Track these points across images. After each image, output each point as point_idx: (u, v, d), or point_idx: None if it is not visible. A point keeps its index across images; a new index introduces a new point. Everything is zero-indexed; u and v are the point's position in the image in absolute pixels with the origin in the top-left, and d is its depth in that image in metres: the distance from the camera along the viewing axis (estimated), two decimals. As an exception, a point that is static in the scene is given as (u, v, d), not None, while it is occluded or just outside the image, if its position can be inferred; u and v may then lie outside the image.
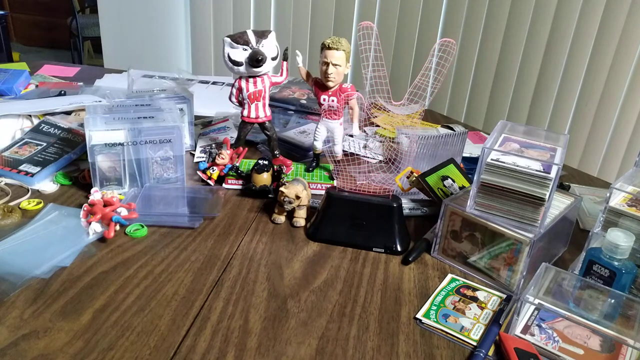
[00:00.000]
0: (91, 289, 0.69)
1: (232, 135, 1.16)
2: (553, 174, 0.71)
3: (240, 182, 0.99)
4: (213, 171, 0.99)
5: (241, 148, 1.05)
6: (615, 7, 1.87)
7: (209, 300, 0.69)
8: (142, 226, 0.83)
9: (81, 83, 1.46)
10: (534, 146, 0.78)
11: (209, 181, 1.00)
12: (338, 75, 0.93)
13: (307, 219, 0.89)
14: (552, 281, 0.73)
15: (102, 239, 0.80)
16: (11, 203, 0.87)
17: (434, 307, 0.71)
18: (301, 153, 1.12)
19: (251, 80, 0.99)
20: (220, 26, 2.42)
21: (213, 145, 1.15)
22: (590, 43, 1.95)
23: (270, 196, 0.95)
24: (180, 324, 0.64)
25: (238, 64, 0.96)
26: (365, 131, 1.28)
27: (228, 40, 0.95)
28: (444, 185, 0.92)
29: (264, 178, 0.95)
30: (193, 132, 1.16)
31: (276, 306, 0.69)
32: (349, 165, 0.96)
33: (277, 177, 0.96)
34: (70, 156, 1.01)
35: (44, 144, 1.03)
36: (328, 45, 0.91)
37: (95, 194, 0.85)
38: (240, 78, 1.00)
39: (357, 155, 1.16)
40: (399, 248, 0.83)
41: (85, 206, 0.83)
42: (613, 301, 0.69)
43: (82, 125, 1.01)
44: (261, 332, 0.64)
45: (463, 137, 1.05)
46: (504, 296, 0.75)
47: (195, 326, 0.64)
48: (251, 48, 0.94)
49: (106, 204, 0.82)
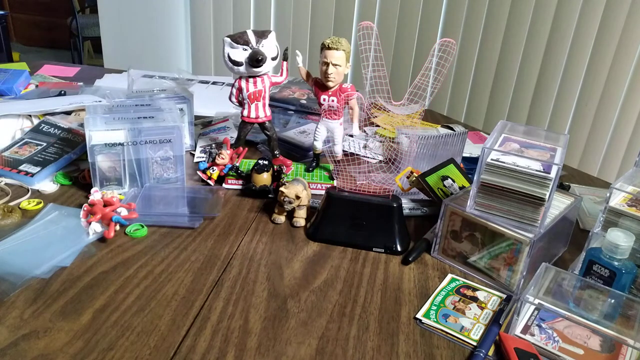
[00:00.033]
0: (91, 289, 0.69)
1: (232, 135, 1.16)
2: (553, 174, 0.71)
3: (240, 182, 0.99)
4: (213, 171, 0.99)
5: (241, 148, 1.05)
6: (615, 7, 1.87)
7: (209, 300, 0.69)
8: (142, 226, 0.83)
9: (81, 83, 1.46)
10: (534, 146, 0.78)
11: (209, 181, 1.00)
12: (338, 75, 0.93)
13: (307, 219, 0.89)
14: (552, 281, 0.73)
15: (102, 239, 0.80)
16: (11, 203, 0.87)
17: (434, 307, 0.71)
18: (301, 153, 1.12)
19: (251, 80, 0.99)
20: (220, 26, 2.42)
21: (213, 145, 1.15)
22: (590, 43, 1.95)
23: (270, 196, 0.95)
24: (180, 324, 0.64)
25: (238, 64, 0.96)
26: (365, 131, 1.28)
27: (228, 40, 0.95)
28: (444, 185, 0.92)
29: (264, 178, 0.95)
30: (193, 132, 1.16)
31: (276, 306, 0.69)
32: (349, 165, 0.96)
33: (277, 177, 0.96)
34: (70, 156, 1.01)
35: (44, 144, 1.03)
36: (328, 45, 0.91)
37: (95, 194, 0.85)
38: (240, 78, 1.00)
39: (357, 155, 1.16)
40: (399, 248, 0.83)
41: (85, 206, 0.83)
42: (613, 301, 0.69)
43: (82, 125, 1.02)
44: (261, 332, 0.64)
45: (463, 137, 1.05)
46: (504, 296, 0.75)
47: (195, 326, 0.64)
48: (251, 48, 0.94)
49: (106, 204, 0.82)
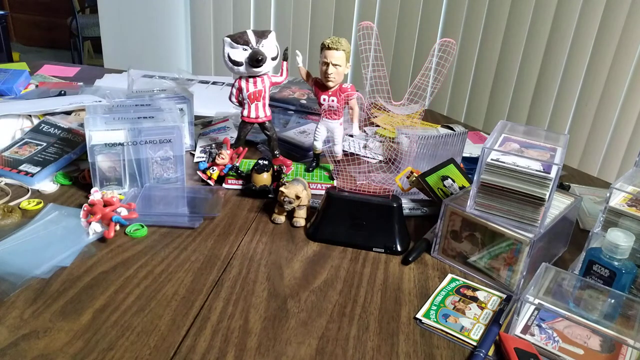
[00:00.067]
0: (91, 289, 0.69)
1: (232, 135, 1.16)
2: (553, 174, 0.71)
3: (240, 182, 0.99)
4: (213, 171, 0.99)
5: (241, 148, 1.05)
6: (615, 7, 1.87)
7: (209, 300, 0.69)
8: (142, 226, 0.83)
9: (81, 83, 1.46)
10: (534, 146, 0.78)
11: (209, 181, 1.00)
12: (338, 75, 0.93)
13: (307, 219, 0.89)
14: (552, 281, 0.73)
15: (102, 239, 0.80)
16: (11, 203, 0.87)
17: (434, 307, 0.71)
18: (301, 153, 1.12)
19: (251, 80, 0.99)
20: (220, 26, 2.42)
21: (213, 145, 1.15)
22: (590, 43, 1.95)
23: (270, 196, 0.95)
24: (180, 324, 0.64)
25: (238, 64, 0.96)
26: (365, 131, 1.28)
27: (228, 40, 0.95)
28: (444, 185, 0.92)
29: (264, 178, 0.95)
30: (193, 132, 1.16)
31: (276, 306, 0.69)
32: (349, 165, 0.96)
33: (277, 177, 0.96)
34: (70, 156, 1.01)
35: (44, 144, 1.03)
36: (328, 45, 0.91)
37: (95, 194, 0.85)
38: (240, 78, 1.00)
39: (357, 155, 1.16)
40: (399, 248, 0.83)
41: (85, 206, 0.83)
42: (613, 301, 0.69)
43: (82, 125, 1.02)
44: (261, 332, 0.64)
45: (463, 137, 1.05)
46: (504, 296, 0.75)
47: (195, 326, 0.64)
48: (251, 48, 0.94)
49: (106, 204, 0.82)
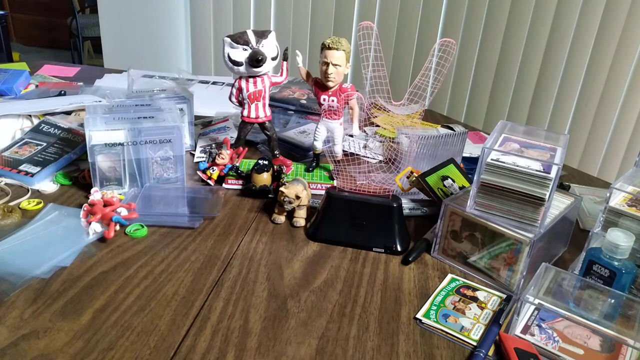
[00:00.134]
0: (91, 289, 0.69)
1: (232, 135, 1.16)
2: (553, 174, 0.71)
3: (240, 182, 0.99)
4: (213, 171, 0.99)
5: (241, 148, 1.05)
6: (615, 7, 1.87)
7: (209, 300, 0.69)
8: (142, 226, 0.83)
9: (81, 83, 1.46)
10: (534, 146, 0.78)
11: (209, 181, 1.00)
12: (338, 75, 0.93)
13: (307, 219, 0.89)
14: (552, 281, 0.73)
15: (102, 239, 0.80)
16: (11, 203, 0.87)
17: (434, 307, 0.71)
18: (301, 153, 1.12)
19: (251, 80, 0.99)
20: (220, 26, 2.42)
21: (213, 145, 1.15)
22: (590, 43, 1.95)
23: (270, 196, 0.95)
24: (180, 324, 0.65)
25: (238, 64, 0.96)
26: (365, 131, 1.28)
27: (228, 40, 0.95)
28: (444, 185, 0.92)
29: (264, 178, 0.95)
30: (193, 132, 1.16)
31: (276, 306, 0.69)
32: (349, 165, 0.96)
33: (277, 177, 0.96)
34: (70, 156, 1.01)
35: (44, 144, 1.03)
36: (328, 45, 0.91)
37: (95, 194, 0.85)
38: (240, 78, 1.00)
39: (357, 155, 1.16)
40: (399, 248, 0.83)
41: (85, 206, 0.83)
42: (613, 301, 0.69)
43: (82, 125, 1.02)
44: (261, 332, 0.64)
45: (463, 137, 1.05)
46: (504, 296, 0.75)
47: (195, 326, 0.64)
48: (251, 48, 0.94)
49: (106, 204, 0.82)
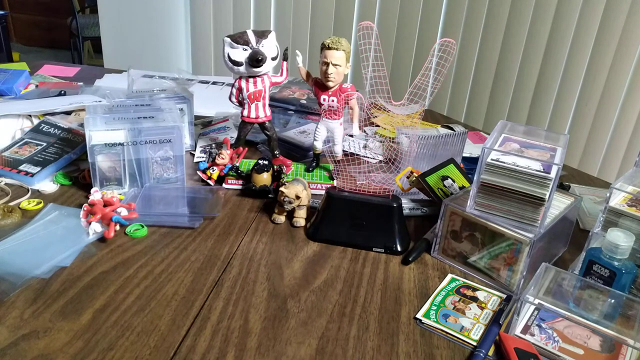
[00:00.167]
0: (91, 289, 0.69)
1: (232, 135, 1.16)
2: (553, 174, 0.71)
3: (240, 182, 0.99)
4: (213, 171, 0.99)
5: (241, 148, 1.05)
6: (615, 7, 1.87)
7: (209, 300, 0.69)
8: (142, 226, 0.83)
9: (81, 83, 1.46)
10: (534, 146, 0.78)
11: (209, 181, 1.00)
12: (338, 75, 0.93)
13: (307, 219, 0.89)
14: (552, 281, 0.73)
15: (102, 239, 0.80)
16: (11, 203, 0.87)
17: (434, 307, 0.71)
18: (301, 153, 1.12)
19: (251, 80, 0.99)
20: (220, 26, 2.42)
21: (213, 145, 1.15)
22: (590, 43, 1.95)
23: (270, 196, 0.95)
24: (180, 324, 0.64)
25: (238, 64, 0.96)
26: (365, 131, 1.28)
27: (228, 40, 0.95)
28: (444, 185, 0.92)
29: (264, 178, 0.95)
30: (193, 132, 1.16)
31: (276, 306, 0.69)
32: (349, 165, 0.96)
33: (277, 177, 0.96)
34: (70, 156, 1.01)
35: (44, 144, 1.03)
36: (328, 45, 0.91)
37: (95, 194, 0.85)
38: (240, 78, 1.00)
39: (357, 155, 1.16)
40: (399, 248, 0.83)
41: (85, 206, 0.83)
42: (613, 301, 0.69)
43: (82, 125, 1.02)
44: (261, 332, 0.64)
45: (463, 137, 1.05)
46: (504, 296, 0.75)
47: (195, 326, 0.64)
48: (251, 48, 0.94)
49: (106, 204, 0.82)
